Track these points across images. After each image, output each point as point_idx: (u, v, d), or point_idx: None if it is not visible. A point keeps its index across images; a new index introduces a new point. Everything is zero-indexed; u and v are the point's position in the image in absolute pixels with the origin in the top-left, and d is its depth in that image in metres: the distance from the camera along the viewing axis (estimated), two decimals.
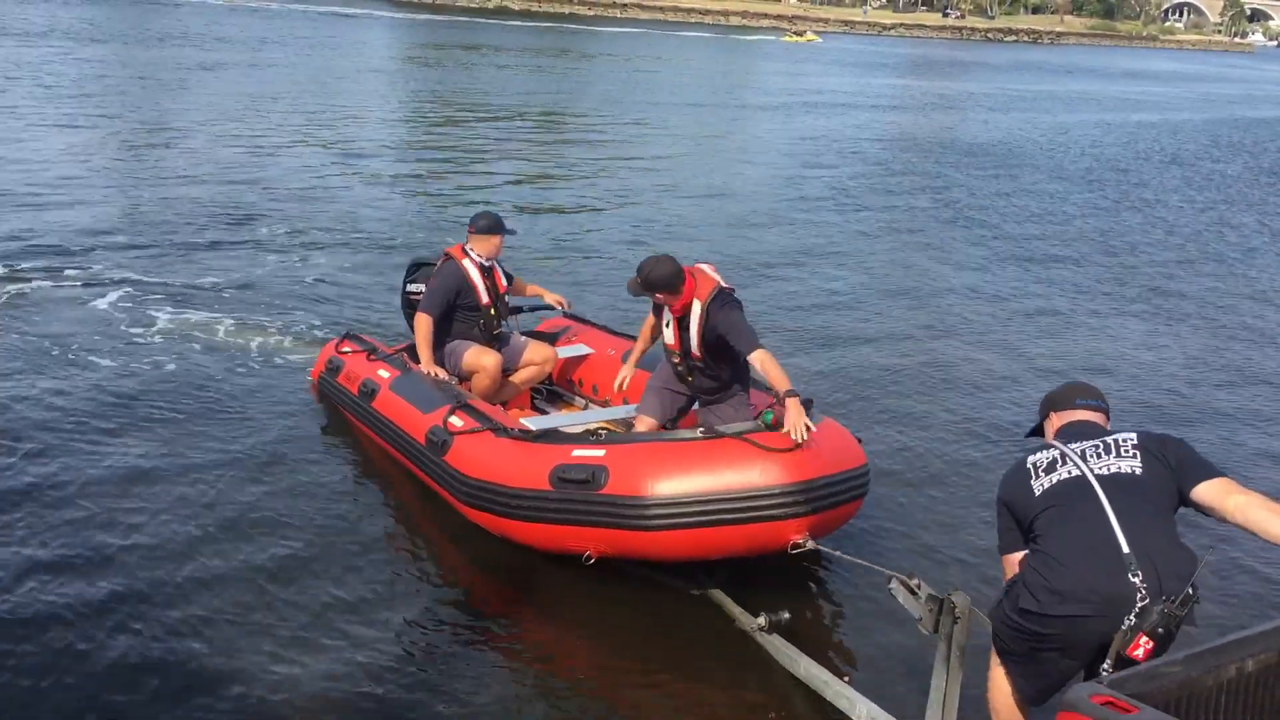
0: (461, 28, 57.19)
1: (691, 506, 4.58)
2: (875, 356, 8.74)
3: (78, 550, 5.01)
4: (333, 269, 10.29)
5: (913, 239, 13.63)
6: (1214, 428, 7.60)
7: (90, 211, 11.84)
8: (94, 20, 39.99)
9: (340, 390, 6.48)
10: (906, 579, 4.03)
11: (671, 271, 5.26)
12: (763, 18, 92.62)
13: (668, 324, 5.44)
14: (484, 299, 6.23)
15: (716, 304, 5.27)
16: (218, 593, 4.76)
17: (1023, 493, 3.44)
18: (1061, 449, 3.46)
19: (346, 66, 31.81)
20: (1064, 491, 3.35)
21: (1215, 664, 2.61)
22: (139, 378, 7.19)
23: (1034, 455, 3.51)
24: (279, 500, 5.62)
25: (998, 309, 10.45)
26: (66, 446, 6.07)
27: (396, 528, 5.51)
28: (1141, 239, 14.44)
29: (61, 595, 4.65)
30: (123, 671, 4.22)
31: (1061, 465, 3.41)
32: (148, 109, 20.03)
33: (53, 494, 5.54)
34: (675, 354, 5.51)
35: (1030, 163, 21.32)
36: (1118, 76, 56.26)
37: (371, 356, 6.47)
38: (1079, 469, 3.37)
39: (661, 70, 39.52)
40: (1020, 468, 3.52)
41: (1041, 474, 3.43)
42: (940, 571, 5.18)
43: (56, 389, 6.87)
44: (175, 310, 8.67)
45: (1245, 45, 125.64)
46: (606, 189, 15.60)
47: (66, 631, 4.41)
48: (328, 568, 5.02)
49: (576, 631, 4.79)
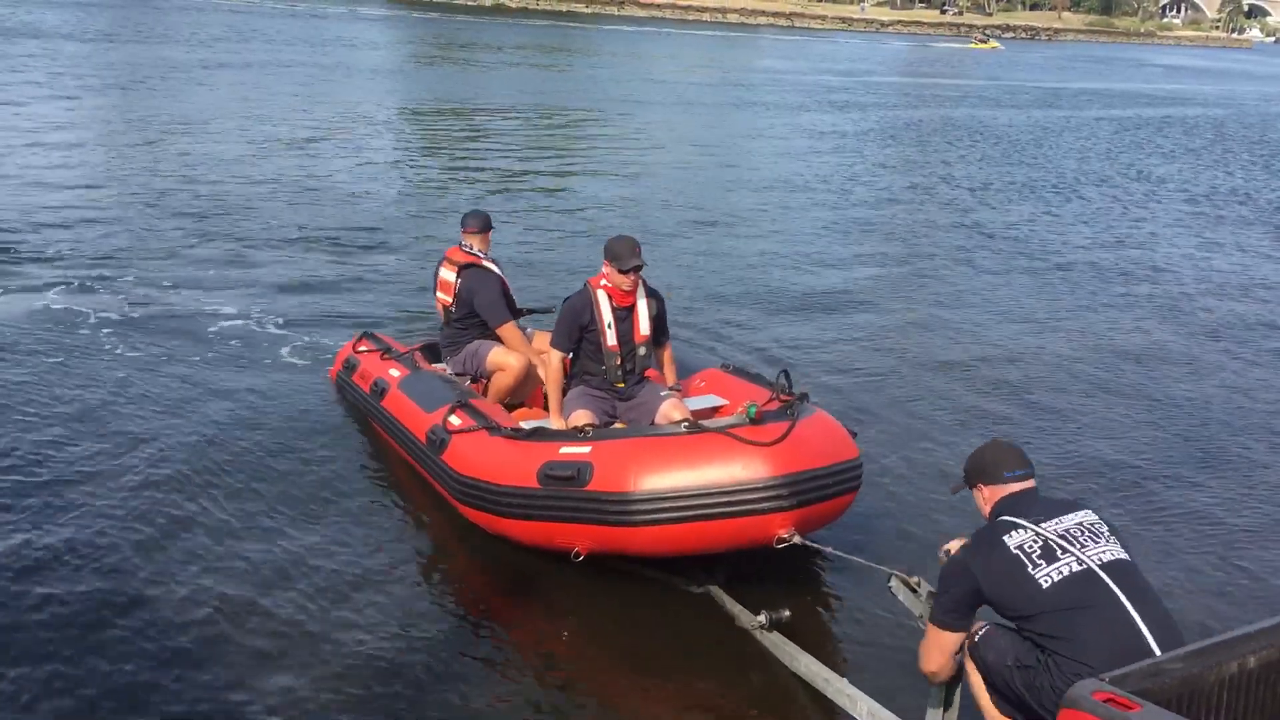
0: (459, 25, 57.09)
1: (675, 501, 4.56)
2: (877, 350, 8.75)
3: (84, 540, 5.04)
4: (348, 266, 10.33)
5: (921, 235, 13.63)
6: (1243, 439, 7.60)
7: (101, 210, 11.85)
8: (89, 21, 39.90)
9: (355, 389, 6.53)
10: (907, 577, 4.03)
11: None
12: (760, 14, 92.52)
13: (610, 325, 5.49)
14: (511, 294, 6.44)
15: (646, 286, 5.59)
16: (215, 586, 4.77)
17: (1021, 584, 3.34)
18: (1038, 531, 3.40)
19: (345, 64, 31.77)
20: (1078, 588, 3.29)
21: (1217, 660, 2.60)
22: (160, 374, 7.23)
23: (1011, 537, 3.41)
24: (287, 497, 5.63)
25: (1005, 305, 10.44)
26: (79, 440, 6.11)
27: (399, 527, 5.50)
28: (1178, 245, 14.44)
29: (66, 587, 4.68)
30: (120, 666, 4.23)
31: (1061, 555, 3.35)
32: (152, 109, 20.00)
33: (65, 485, 5.60)
34: (615, 355, 5.53)
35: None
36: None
37: (385, 355, 6.52)
38: (1081, 560, 3.34)
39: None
40: (1004, 553, 3.40)
41: (1039, 562, 3.34)
42: (938, 568, 5.15)
43: (73, 387, 6.90)
44: (195, 309, 8.70)
45: (1243, 41, 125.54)
46: (609, 181, 15.61)
47: (71, 625, 4.43)
48: (331, 566, 5.01)
49: (576, 629, 4.77)
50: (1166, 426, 7.49)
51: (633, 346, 5.60)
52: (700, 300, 9.82)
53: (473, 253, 6.30)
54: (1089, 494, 6.21)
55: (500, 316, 6.19)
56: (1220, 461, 6.94)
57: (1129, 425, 7.47)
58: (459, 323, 6.33)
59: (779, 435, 4.65)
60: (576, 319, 5.52)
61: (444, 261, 6.41)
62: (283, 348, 7.90)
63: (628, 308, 5.55)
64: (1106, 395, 8.03)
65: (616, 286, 5.49)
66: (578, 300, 5.56)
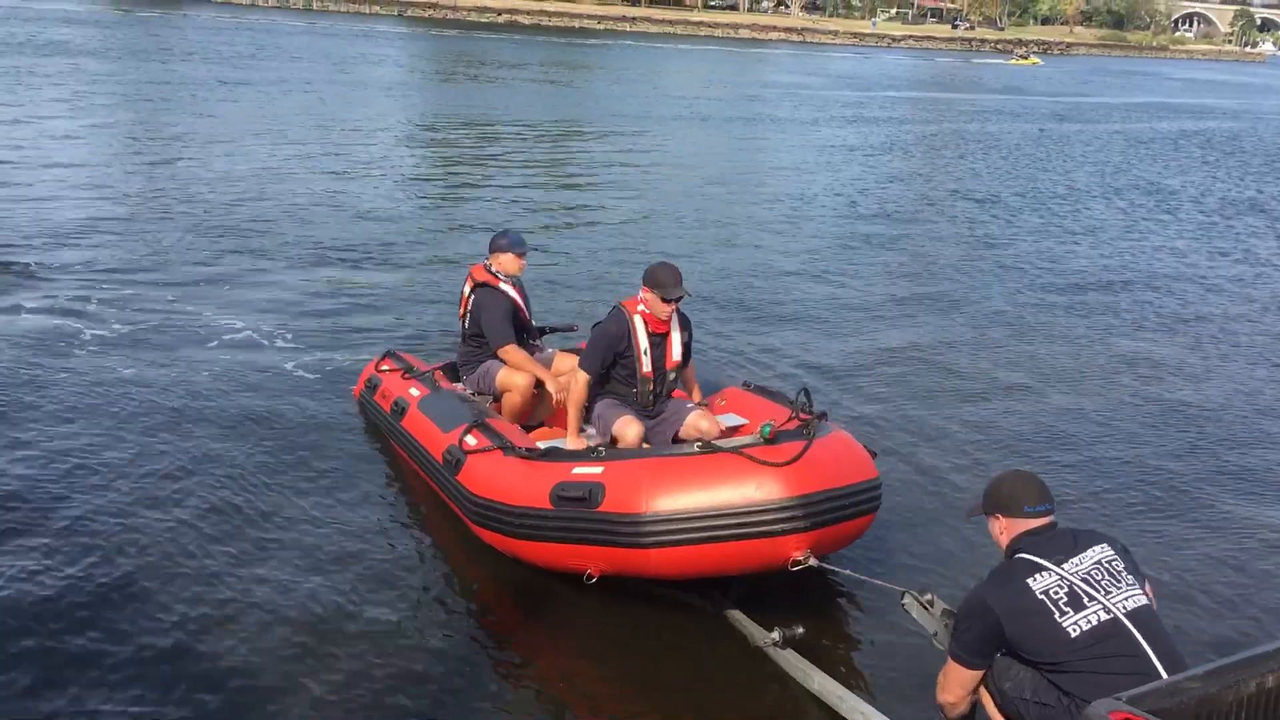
0: (474, 42, 57.39)
1: (688, 523, 4.49)
2: (892, 366, 8.74)
3: (107, 548, 5.13)
4: (368, 283, 10.37)
5: (940, 250, 13.59)
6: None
7: (123, 224, 11.96)
8: (112, 38, 40.26)
9: (377, 408, 6.54)
10: (919, 594, 4.02)
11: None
12: (772, 30, 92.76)
13: (645, 352, 5.48)
14: (525, 314, 6.41)
15: (679, 312, 5.62)
16: (228, 599, 4.82)
17: (1047, 632, 3.35)
18: (1062, 575, 3.41)
19: (363, 81, 31.94)
20: (1105, 638, 3.31)
21: (1235, 680, 2.59)
22: (186, 390, 7.28)
23: (1036, 581, 3.42)
24: (306, 517, 5.65)
25: (1032, 324, 10.38)
26: (107, 451, 6.20)
27: (415, 547, 5.51)
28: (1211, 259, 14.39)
29: (90, 590, 4.77)
30: (135, 665, 4.31)
31: (1089, 602, 3.36)
32: (175, 125, 20.11)
33: (87, 495, 5.67)
34: (649, 381, 5.53)
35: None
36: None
37: (406, 375, 6.52)
38: (1109, 609, 3.36)
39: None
40: (1029, 598, 3.40)
41: (1067, 610, 3.36)
42: (953, 587, 5.13)
43: (99, 400, 6.98)
44: (218, 326, 8.73)
45: (1256, 55, 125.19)
46: (627, 197, 15.65)
47: (92, 625, 4.52)
48: (345, 584, 5.02)
49: (590, 647, 4.77)
50: (1184, 442, 7.46)
51: (664, 372, 5.62)
52: (722, 317, 9.81)
53: (491, 272, 6.32)
54: (1106, 510, 6.19)
55: (500, 338, 6.16)
56: (1240, 477, 6.90)
57: (1147, 440, 7.43)
58: (472, 340, 6.37)
59: (793, 455, 4.58)
60: (613, 346, 5.49)
61: (467, 278, 6.46)
62: (303, 366, 7.92)
63: (662, 334, 5.56)
64: (1127, 413, 7.98)
65: (654, 314, 5.47)
66: (614, 326, 5.50)
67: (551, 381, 6.05)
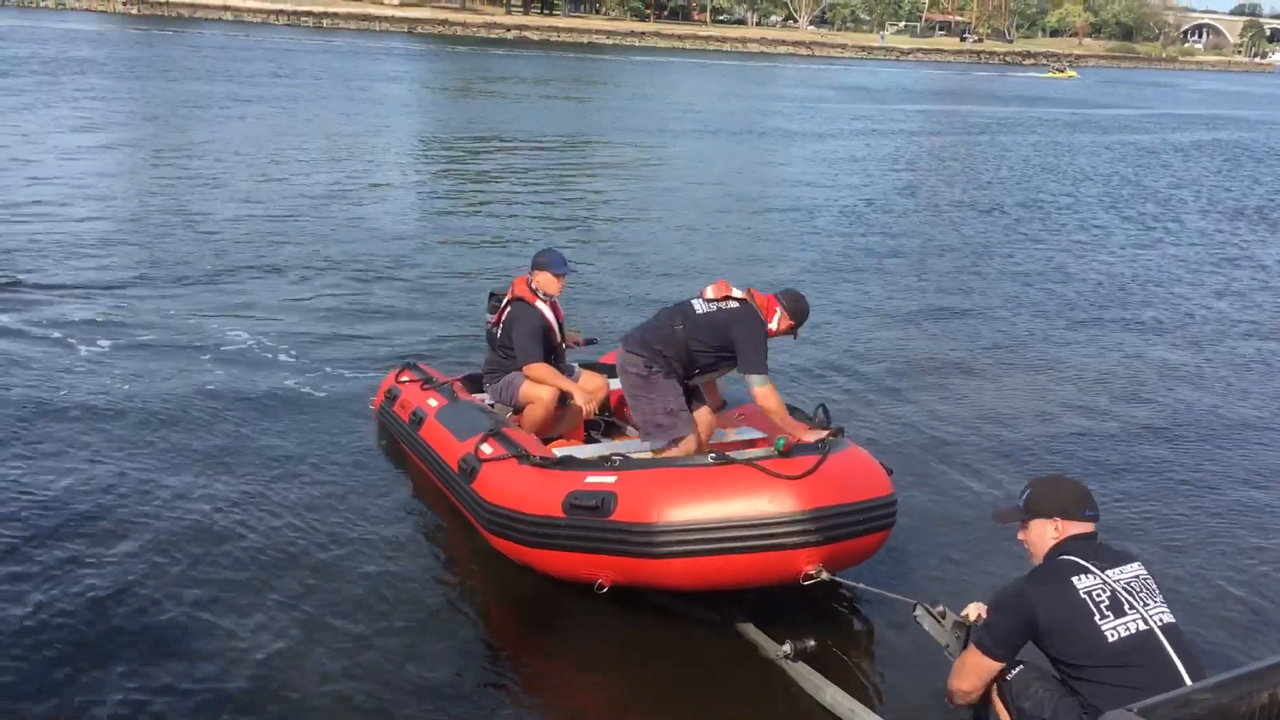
0: (486, 58, 57.68)
1: (699, 534, 4.49)
2: (906, 378, 8.75)
3: (122, 555, 5.16)
4: (384, 297, 10.42)
5: (959, 262, 13.58)
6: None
7: (135, 238, 12.05)
8: (129, 55, 40.59)
9: (396, 419, 6.57)
10: (931, 606, 4.02)
11: None
12: (780, 44, 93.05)
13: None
14: (557, 336, 6.39)
15: None
16: (242, 604, 4.86)
17: (1085, 632, 3.35)
18: (1105, 579, 3.42)
19: (377, 97, 32.11)
20: (1139, 648, 3.32)
21: (1248, 690, 2.58)
22: (206, 400, 7.34)
23: (1080, 580, 3.42)
24: (319, 525, 5.68)
25: (1041, 335, 10.37)
26: (125, 464, 6.24)
27: (430, 556, 5.53)
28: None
29: (98, 593, 4.80)
30: (142, 666, 4.35)
31: (1129, 610, 3.38)
32: (189, 140, 20.29)
33: (103, 501, 5.73)
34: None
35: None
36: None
37: (425, 386, 6.55)
38: (1146, 620, 3.37)
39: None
40: (1071, 595, 3.40)
41: (1108, 614, 3.36)
42: (965, 599, 5.11)
43: (110, 412, 7.03)
44: (231, 339, 8.78)
45: (1265, 65, 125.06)
46: (642, 210, 15.71)
47: (102, 628, 4.53)
48: (359, 594, 5.04)
49: (600, 659, 4.77)
50: (1200, 454, 7.44)
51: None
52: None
53: (531, 288, 6.35)
54: (1121, 522, 6.17)
55: (528, 356, 6.17)
56: (1258, 489, 6.88)
57: (1162, 454, 7.42)
58: (502, 350, 6.37)
59: (807, 469, 4.58)
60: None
61: (510, 287, 6.46)
62: (318, 380, 7.94)
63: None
64: (1146, 429, 7.94)
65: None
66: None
67: (580, 394, 6.08)
